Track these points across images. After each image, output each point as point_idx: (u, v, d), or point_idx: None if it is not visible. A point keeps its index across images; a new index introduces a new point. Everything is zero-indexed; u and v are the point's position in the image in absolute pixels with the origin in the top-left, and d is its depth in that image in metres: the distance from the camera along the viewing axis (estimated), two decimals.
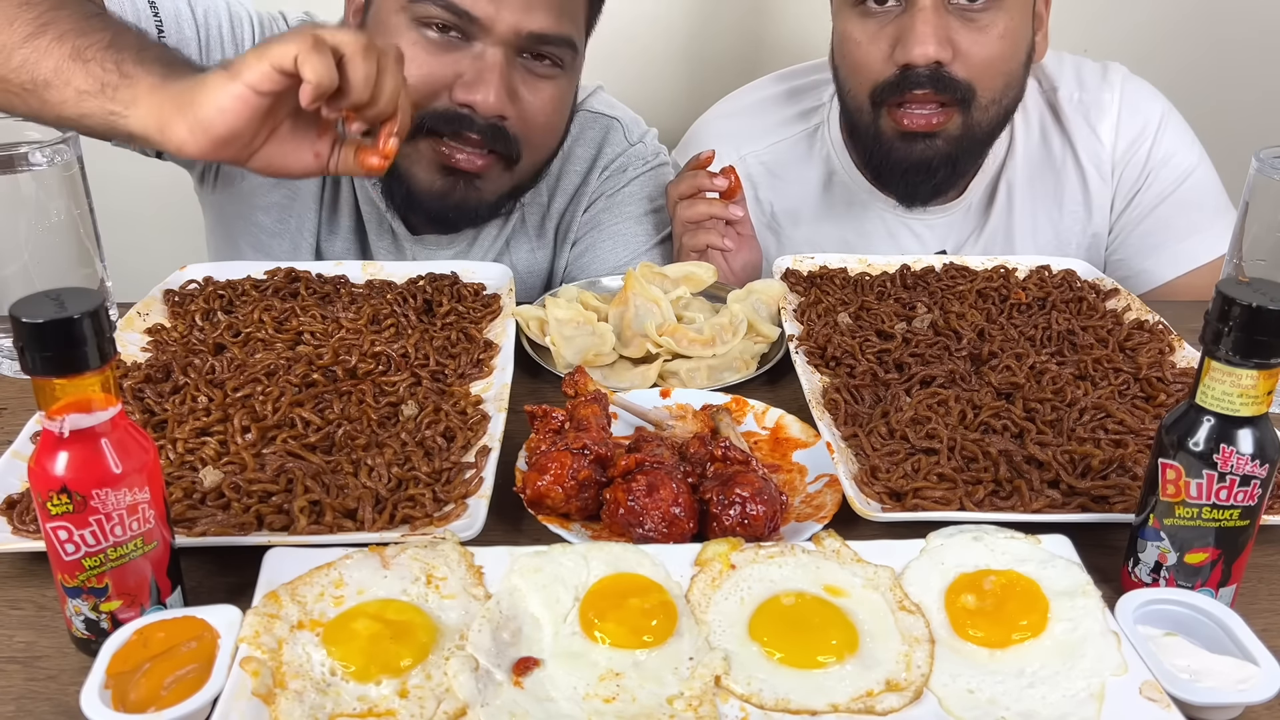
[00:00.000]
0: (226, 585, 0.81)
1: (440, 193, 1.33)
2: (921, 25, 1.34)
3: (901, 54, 1.36)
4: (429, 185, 1.32)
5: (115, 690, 0.66)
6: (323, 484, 0.89)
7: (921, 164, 1.44)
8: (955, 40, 1.36)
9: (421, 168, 1.31)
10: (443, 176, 1.32)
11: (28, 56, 1.03)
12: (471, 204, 1.35)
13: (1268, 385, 0.71)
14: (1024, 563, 0.78)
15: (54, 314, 0.63)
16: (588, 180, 1.52)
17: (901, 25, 1.36)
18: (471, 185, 1.33)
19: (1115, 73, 1.55)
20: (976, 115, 1.41)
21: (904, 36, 1.36)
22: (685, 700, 0.68)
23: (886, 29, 1.38)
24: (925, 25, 1.34)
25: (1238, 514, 0.74)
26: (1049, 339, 1.19)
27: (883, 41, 1.39)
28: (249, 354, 1.10)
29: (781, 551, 0.80)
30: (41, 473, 0.66)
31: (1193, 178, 1.53)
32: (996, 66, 1.39)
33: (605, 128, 1.54)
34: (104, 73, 1.01)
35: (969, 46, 1.36)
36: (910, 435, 0.98)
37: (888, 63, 1.39)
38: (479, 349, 1.14)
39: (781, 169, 1.60)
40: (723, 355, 1.16)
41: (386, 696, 0.67)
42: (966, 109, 1.40)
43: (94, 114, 1.01)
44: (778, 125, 1.61)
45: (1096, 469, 0.92)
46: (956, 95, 1.38)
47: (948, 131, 1.42)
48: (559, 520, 0.87)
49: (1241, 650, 0.71)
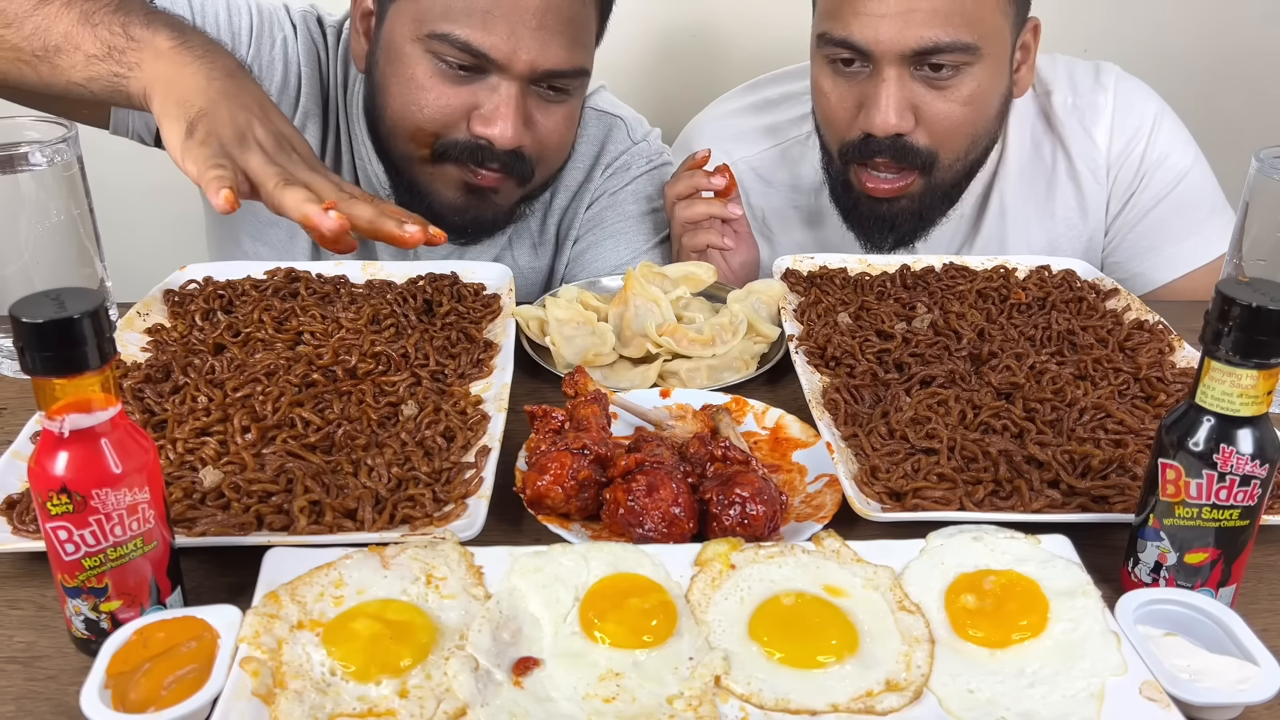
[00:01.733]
0: (226, 585, 0.81)
1: (460, 208, 1.35)
2: (885, 96, 1.32)
3: (864, 120, 1.35)
4: (451, 202, 1.34)
5: (115, 690, 0.66)
6: (323, 484, 0.89)
7: (885, 220, 1.44)
8: (919, 107, 1.34)
9: (443, 185, 1.33)
10: (464, 194, 1.34)
11: (39, 23, 1.05)
12: (488, 217, 1.37)
13: (1268, 385, 0.71)
14: (1024, 563, 0.78)
15: (54, 314, 0.63)
16: (590, 178, 1.53)
17: (865, 90, 1.34)
18: (488, 199, 1.35)
19: (1108, 74, 1.53)
20: (939, 175, 1.41)
21: (867, 103, 1.34)
22: (685, 700, 0.68)
23: (853, 89, 1.36)
24: (888, 97, 1.32)
25: (1238, 514, 0.74)
26: (1049, 339, 1.19)
27: (849, 101, 1.37)
28: (249, 354, 1.10)
29: (781, 551, 0.80)
30: (41, 473, 0.66)
31: (1188, 179, 1.52)
32: (960, 131, 1.37)
33: (608, 126, 1.54)
34: (111, 36, 1.03)
35: (931, 115, 1.34)
36: (910, 435, 0.98)
37: (853, 125, 1.37)
38: (479, 349, 1.14)
39: (773, 174, 1.60)
40: (723, 355, 1.16)
41: (386, 696, 0.67)
42: (928, 173, 1.39)
43: (100, 77, 1.03)
44: (771, 130, 1.60)
45: (1096, 469, 0.92)
46: (916, 163, 1.37)
47: (911, 192, 1.41)
48: (559, 520, 0.87)
49: (1241, 650, 0.72)
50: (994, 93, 1.38)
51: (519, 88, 1.25)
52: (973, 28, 1.30)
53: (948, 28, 1.28)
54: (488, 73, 1.25)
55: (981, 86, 1.35)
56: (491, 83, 1.25)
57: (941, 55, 1.30)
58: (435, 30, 1.22)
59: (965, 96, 1.34)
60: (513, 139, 1.26)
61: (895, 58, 1.30)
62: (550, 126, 1.31)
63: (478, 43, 1.21)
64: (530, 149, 1.30)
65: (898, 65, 1.31)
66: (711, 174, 1.37)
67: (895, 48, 1.29)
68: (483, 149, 1.28)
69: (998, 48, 1.35)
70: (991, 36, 1.32)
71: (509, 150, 1.28)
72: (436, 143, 1.29)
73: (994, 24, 1.32)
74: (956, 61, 1.31)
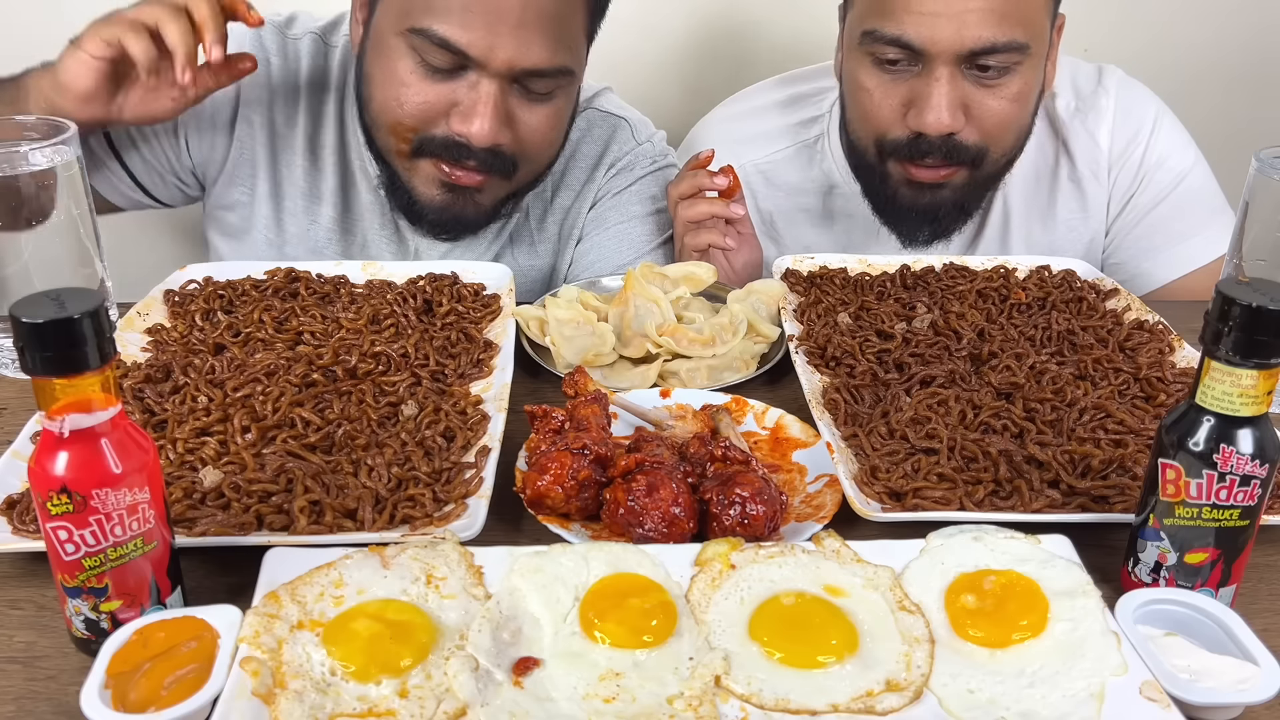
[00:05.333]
0: (226, 585, 0.81)
1: (441, 205, 1.35)
2: (938, 95, 1.30)
3: (915, 120, 1.34)
4: (430, 199, 1.35)
5: (115, 690, 0.66)
6: (323, 484, 0.89)
7: (928, 210, 1.44)
8: (969, 106, 1.33)
9: (421, 182, 1.34)
10: (443, 191, 1.34)
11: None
12: (470, 214, 1.37)
13: (1268, 385, 0.71)
14: (1024, 563, 0.78)
15: (54, 314, 0.63)
16: (593, 178, 1.52)
17: (915, 89, 1.33)
18: (470, 198, 1.35)
19: (1110, 76, 1.54)
20: (986, 169, 1.41)
21: (918, 102, 1.33)
22: (685, 700, 0.68)
23: (899, 87, 1.35)
24: (941, 96, 1.30)
25: (1238, 514, 0.74)
26: (1049, 339, 1.19)
27: (894, 99, 1.35)
28: (249, 354, 1.10)
29: (781, 551, 0.80)
30: (41, 473, 0.66)
31: (1188, 180, 1.52)
32: (1009, 127, 1.37)
33: (613, 127, 1.54)
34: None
35: (982, 113, 1.34)
36: (910, 435, 0.98)
37: (899, 123, 1.36)
38: (479, 349, 1.14)
39: (780, 178, 1.59)
40: (723, 355, 1.16)
41: (386, 696, 0.67)
42: (977, 167, 1.39)
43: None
44: (778, 133, 1.60)
45: (1096, 469, 0.92)
46: (966, 159, 1.37)
47: (954, 182, 1.41)
48: (559, 520, 0.87)
49: (1241, 650, 0.71)
50: (1036, 88, 1.39)
51: (498, 86, 1.25)
52: (1025, 27, 1.30)
53: (1003, 27, 1.28)
54: (467, 70, 1.24)
55: (1028, 84, 1.36)
56: (471, 80, 1.25)
57: (996, 56, 1.30)
58: (416, 25, 1.22)
59: (1014, 94, 1.34)
60: (489, 137, 1.26)
61: (950, 57, 1.29)
62: (533, 125, 1.31)
63: (455, 39, 1.21)
64: (510, 147, 1.30)
65: (951, 65, 1.30)
66: (715, 174, 1.37)
67: (951, 48, 1.28)
68: (460, 146, 1.28)
69: (1041, 45, 1.35)
70: (1039, 35, 1.33)
71: (486, 148, 1.28)
72: (415, 138, 1.29)
73: (1040, 23, 1.33)
74: (1008, 62, 1.31)
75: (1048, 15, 1.35)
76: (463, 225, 1.39)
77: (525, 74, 1.25)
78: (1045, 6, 1.33)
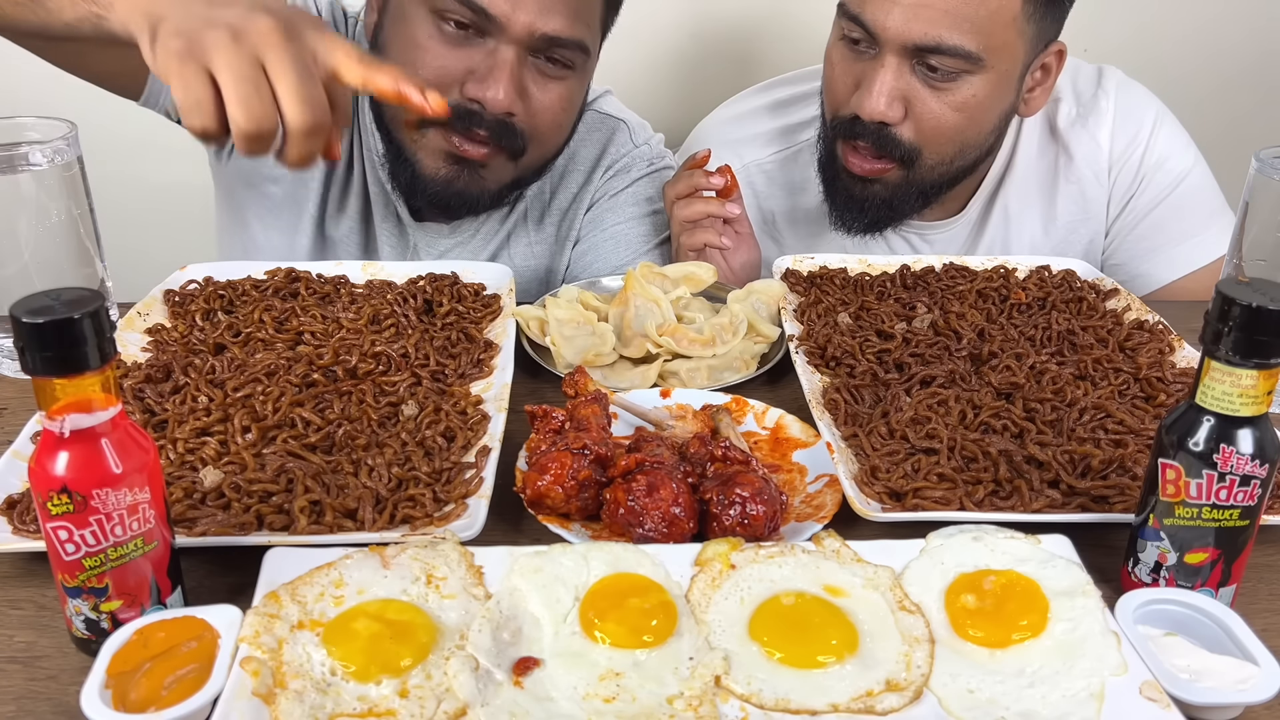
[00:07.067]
0: (226, 585, 0.81)
1: (445, 179, 1.34)
2: (880, 81, 1.32)
3: (855, 101, 1.35)
4: (434, 172, 1.33)
5: (115, 690, 0.66)
6: (323, 484, 0.89)
7: (857, 201, 1.44)
8: (911, 101, 1.33)
9: (428, 154, 1.33)
10: (448, 164, 1.33)
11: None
12: (474, 192, 1.37)
13: (1268, 385, 0.71)
14: (1024, 563, 0.78)
15: (54, 314, 0.63)
16: (591, 180, 1.53)
17: (865, 71, 1.34)
18: (475, 174, 1.34)
19: (1110, 78, 1.54)
20: (919, 173, 1.40)
21: (863, 84, 1.34)
22: (685, 700, 0.68)
23: (855, 66, 1.36)
24: (881, 83, 1.32)
25: (1237, 514, 0.74)
26: (1049, 339, 1.19)
27: (850, 77, 1.37)
28: (249, 354, 1.10)
29: (781, 551, 0.80)
30: (41, 473, 0.66)
31: (1187, 181, 1.52)
32: (947, 134, 1.37)
33: (612, 129, 1.55)
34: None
35: (921, 111, 1.34)
36: (910, 435, 0.98)
37: (847, 102, 1.38)
38: (479, 349, 1.14)
39: (782, 179, 1.60)
40: (723, 355, 1.16)
41: (387, 696, 0.67)
42: (908, 166, 1.39)
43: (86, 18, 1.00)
44: (778, 134, 1.60)
45: (1096, 469, 0.92)
46: (897, 154, 1.37)
47: (886, 180, 1.41)
48: (559, 520, 0.87)
49: (1241, 650, 0.72)
50: (992, 107, 1.38)
51: (516, 53, 1.25)
52: (979, 38, 1.29)
53: (953, 31, 1.28)
54: (486, 36, 1.25)
55: (978, 97, 1.34)
56: (489, 46, 1.25)
57: (942, 57, 1.30)
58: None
59: (959, 102, 1.34)
60: (504, 103, 1.25)
61: (898, 47, 1.30)
62: (546, 102, 1.31)
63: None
64: (522, 120, 1.30)
65: (899, 55, 1.31)
66: (711, 174, 1.37)
67: (899, 37, 1.29)
68: (472, 114, 1.27)
69: (1005, 64, 1.34)
70: (999, 51, 1.32)
71: (499, 120, 1.27)
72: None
73: (1004, 40, 1.32)
74: (956, 67, 1.31)
75: (1018, 34, 1.33)
76: (464, 203, 1.38)
77: (544, 41, 1.25)
78: (1012, 24, 1.31)
